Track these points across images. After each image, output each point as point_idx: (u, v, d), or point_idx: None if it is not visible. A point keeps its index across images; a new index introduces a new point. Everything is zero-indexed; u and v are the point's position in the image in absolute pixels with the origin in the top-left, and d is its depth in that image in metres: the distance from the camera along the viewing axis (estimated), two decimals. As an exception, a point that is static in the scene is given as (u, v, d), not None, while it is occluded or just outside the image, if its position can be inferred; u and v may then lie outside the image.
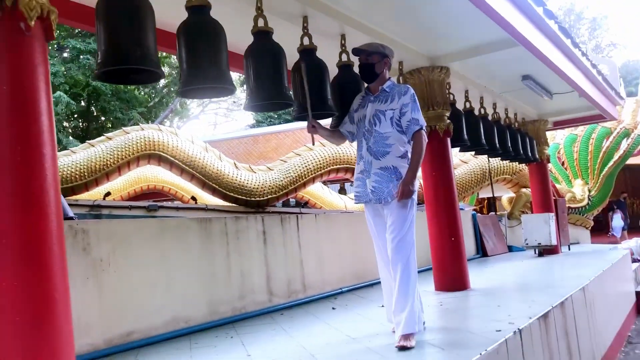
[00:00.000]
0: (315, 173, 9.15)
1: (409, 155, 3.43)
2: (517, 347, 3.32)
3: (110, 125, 16.02)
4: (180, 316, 4.08)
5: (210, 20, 3.16)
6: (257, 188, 8.65)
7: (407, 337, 3.17)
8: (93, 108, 16.04)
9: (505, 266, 7.49)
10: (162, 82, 16.93)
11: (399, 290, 3.26)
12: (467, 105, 6.50)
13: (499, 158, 7.98)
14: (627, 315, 7.40)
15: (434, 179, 5.52)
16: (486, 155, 7.63)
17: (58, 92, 14.38)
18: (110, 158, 7.89)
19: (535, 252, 8.64)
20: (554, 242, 8.36)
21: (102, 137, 8.25)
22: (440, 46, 5.30)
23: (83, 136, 15.57)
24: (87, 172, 7.68)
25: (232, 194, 8.50)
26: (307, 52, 3.92)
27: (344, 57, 4.26)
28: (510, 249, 10.02)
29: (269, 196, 8.62)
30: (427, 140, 3.47)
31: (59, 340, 2.08)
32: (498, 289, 5.43)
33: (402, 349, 3.10)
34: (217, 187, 8.54)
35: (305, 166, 9.18)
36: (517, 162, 8.62)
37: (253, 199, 8.58)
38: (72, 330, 2.17)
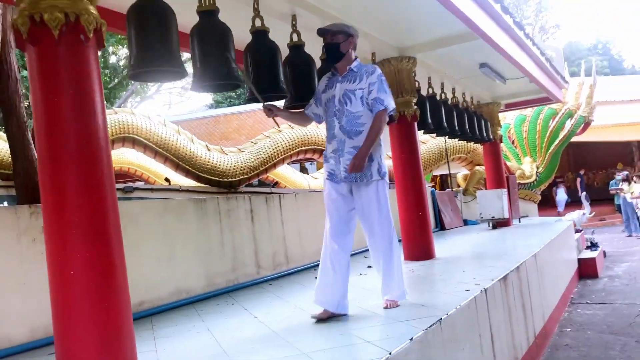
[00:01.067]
0: (285, 154, 9.59)
1: (382, 135, 3.53)
2: (484, 303, 3.91)
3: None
4: (182, 287, 4.51)
5: (161, 2, 3.19)
6: (229, 169, 9.00)
7: (394, 302, 3.60)
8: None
9: (463, 238, 8.16)
10: (122, 63, 16.82)
11: (388, 266, 3.55)
12: (430, 91, 7.05)
13: (457, 139, 8.60)
14: (571, 279, 8.22)
15: (402, 160, 6.05)
16: (445, 136, 8.21)
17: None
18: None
19: (489, 225, 9.36)
20: (506, 215, 9.11)
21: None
22: (409, 38, 5.80)
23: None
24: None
25: (205, 175, 8.83)
26: (259, 34, 4.00)
27: (295, 38, 4.37)
28: (466, 222, 10.75)
29: (241, 177, 9.00)
30: (387, 121, 3.53)
31: (119, 297, 2.49)
32: (460, 257, 6.05)
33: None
34: (190, 168, 8.85)
35: (275, 147, 9.58)
36: (472, 142, 9.24)
37: (225, 179, 8.93)
38: (128, 288, 2.59)
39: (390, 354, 2.55)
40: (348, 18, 4.75)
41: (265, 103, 3.60)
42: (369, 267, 5.67)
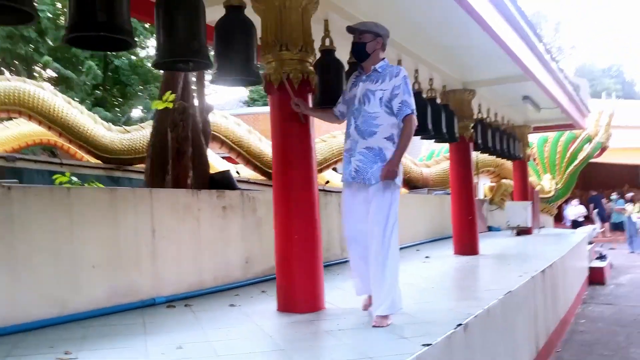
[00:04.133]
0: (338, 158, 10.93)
1: (396, 138, 3.41)
2: (532, 287, 5.26)
3: (130, 98, 17.38)
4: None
5: None
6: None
7: (384, 318, 3.31)
8: (114, 80, 17.26)
9: (494, 241, 9.51)
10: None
11: (381, 275, 3.33)
12: (480, 116, 8.40)
13: (495, 156, 9.94)
14: (583, 283, 9.60)
15: (459, 174, 7.43)
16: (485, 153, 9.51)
17: (88, 63, 15.57)
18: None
19: (513, 232, 10.71)
20: (530, 224, 10.47)
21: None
22: (472, 75, 7.13)
23: (105, 106, 16.82)
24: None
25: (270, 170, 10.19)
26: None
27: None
28: (490, 228, 12.10)
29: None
30: (417, 124, 3.47)
31: (317, 252, 3.85)
32: (501, 255, 7.40)
33: (378, 326, 3.27)
34: (259, 164, 10.25)
35: (330, 151, 10.95)
36: (506, 159, 10.55)
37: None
38: (321, 247, 3.94)
39: (486, 309, 3.91)
40: (422, 52, 5.96)
41: (295, 99, 3.68)
42: (427, 257, 7.04)
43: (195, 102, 5.61)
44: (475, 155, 11.90)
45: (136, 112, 18.29)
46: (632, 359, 5.84)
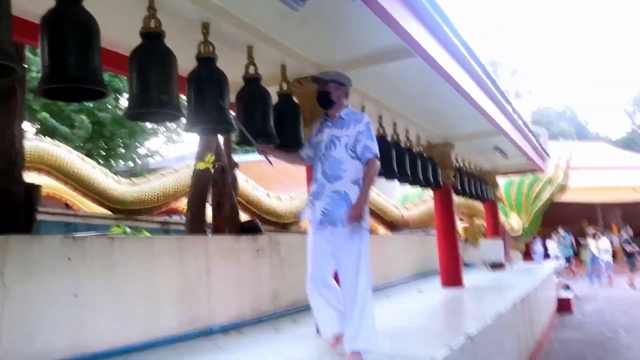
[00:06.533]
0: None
1: (362, 182, 3.53)
2: (514, 312, 6.28)
3: (122, 149, 18.20)
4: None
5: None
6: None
7: (357, 355, 3.40)
8: (100, 134, 18.02)
9: (473, 275, 10.53)
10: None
11: (357, 315, 3.40)
12: (458, 164, 9.55)
13: (472, 199, 11.08)
14: (553, 311, 10.70)
15: (443, 217, 8.51)
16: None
17: (80, 117, 16.33)
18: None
19: (488, 267, 11.79)
20: (503, 260, 11.60)
21: None
22: (452, 131, 8.29)
23: (95, 158, 17.52)
24: None
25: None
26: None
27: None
28: (466, 264, 13.16)
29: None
30: (379, 168, 3.64)
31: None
32: (483, 286, 8.43)
33: None
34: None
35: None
36: (479, 200, 11.73)
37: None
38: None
39: (471, 337, 4.88)
40: (411, 115, 7.06)
41: (258, 144, 3.79)
42: (420, 291, 8.01)
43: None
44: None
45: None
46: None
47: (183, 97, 3.84)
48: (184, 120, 3.73)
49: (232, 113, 4.03)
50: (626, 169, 24.19)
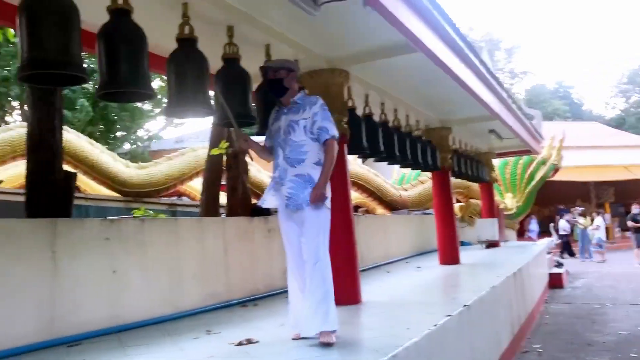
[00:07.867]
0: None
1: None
2: (507, 285, 6.74)
3: (123, 131, 18.51)
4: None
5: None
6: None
7: (328, 334, 3.41)
8: (102, 117, 18.33)
9: (469, 253, 10.98)
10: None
11: (315, 292, 3.43)
12: (454, 147, 9.96)
13: (468, 180, 11.53)
14: (545, 286, 11.22)
15: (441, 199, 8.94)
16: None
17: (81, 100, 16.60)
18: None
19: (483, 245, 12.28)
20: (497, 238, 12.08)
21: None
22: (448, 117, 8.71)
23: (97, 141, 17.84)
24: None
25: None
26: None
27: None
28: (462, 243, 13.65)
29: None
30: (337, 148, 3.64)
31: (354, 265, 5.23)
32: (477, 264, 8.90)
33: (326, 345, 3.36)
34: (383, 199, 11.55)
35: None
36: (474, 181, 12.17)
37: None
38: (357, 262, 5.32)
39: (467, 305, 5.34)
40: (411, 101, 7.51)
41: (241, 133, 3.80)
42: (419, 267, 8.48)
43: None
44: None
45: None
46: (587, 340, 7.36)
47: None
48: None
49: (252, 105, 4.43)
50: (618, 147, 24.75)
